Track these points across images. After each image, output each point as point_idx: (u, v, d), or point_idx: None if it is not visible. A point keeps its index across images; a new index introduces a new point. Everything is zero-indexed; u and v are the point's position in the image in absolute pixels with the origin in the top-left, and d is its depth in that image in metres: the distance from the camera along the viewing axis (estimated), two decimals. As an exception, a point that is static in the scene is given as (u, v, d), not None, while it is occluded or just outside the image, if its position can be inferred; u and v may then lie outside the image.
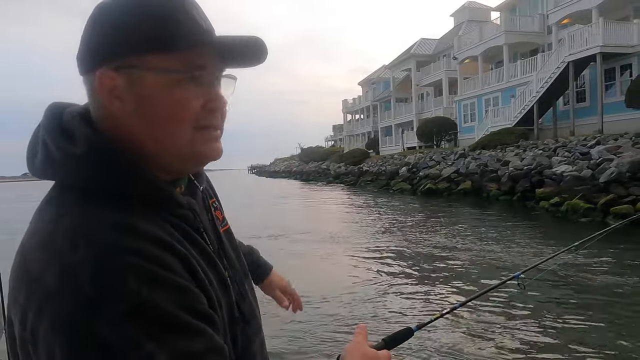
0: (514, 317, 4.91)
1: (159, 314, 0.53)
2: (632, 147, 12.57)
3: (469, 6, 38.82)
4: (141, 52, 0.59)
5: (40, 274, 0.54)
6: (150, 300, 0.52)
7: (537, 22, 26.39)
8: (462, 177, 18.77)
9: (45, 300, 0.52)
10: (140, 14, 0.60)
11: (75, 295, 0.51)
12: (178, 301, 0.54)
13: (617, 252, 7.43)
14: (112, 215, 0.57)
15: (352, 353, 0.82)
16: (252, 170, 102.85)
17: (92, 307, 0.51)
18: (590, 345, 4.17)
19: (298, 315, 5.10)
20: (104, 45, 0.60)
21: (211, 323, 0.59)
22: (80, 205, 0.58)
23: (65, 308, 0.51)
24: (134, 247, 0.54)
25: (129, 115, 0.61)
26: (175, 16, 0.60)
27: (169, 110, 0.61)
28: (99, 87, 0.61)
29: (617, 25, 19.21)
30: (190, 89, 0.61)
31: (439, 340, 4.36)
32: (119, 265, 0.53)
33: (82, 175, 0.60)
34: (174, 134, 0.62)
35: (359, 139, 53.87)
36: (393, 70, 42.84)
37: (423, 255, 8.30)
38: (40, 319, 0.52)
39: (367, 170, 31.08)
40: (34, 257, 0.55)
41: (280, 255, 8.52)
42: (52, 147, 0.62)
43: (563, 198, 11.46)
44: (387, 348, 0.94)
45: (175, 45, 0.59)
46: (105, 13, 0.62)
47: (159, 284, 0.54)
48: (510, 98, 25.19)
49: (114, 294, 0.51)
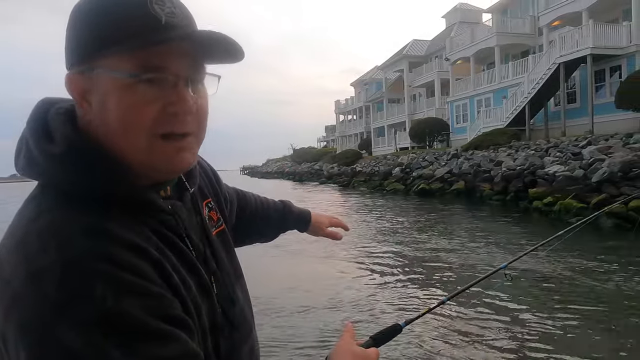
0: (500, 309, 5.02)
1: (127, 321, 0.51)
2: (622, 147, 12.73)
3: (460, 7, 39.10)
4: (99, 53, 0.57)
5: (9, 276, 0.53)
6: (117, 307, 0.51)
7: (528, 23, 26.66)
8: (455, 178, 18.88)
9: (13, 303, 0.51)
10: (98, 15, 0.58)
11: (41, 299, 0.50)
12: (148, 308, 0.53)
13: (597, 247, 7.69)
14: (86, 219, 0.55)
15: (340, 353, 0.81)
16: (245, 171, 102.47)
17: (57, 312, 0.50)
18: (573, 339, 4.32)
19: (285, 314, 5.22)
20: (71, 48, 0.60)
21: (185, 328, 0.57)
22: (56, 206, 0.57)
23: (30, 312, 0.50)
24: (105, 253, 0.53)
25: (95, 119, 0.60)
26: (126, 14, 0.57)
27: (122, 115, 0.58)
28: (69, 90, 0.61)
29: (607, 27, 19.47)
30: (145, 92, 0.57)
31: (428, 335, 4.41)
32: (86, 271, 0.51)
33: (60, 176, 0.58)
34: (130, 141, 0.59)
35: (352, 139, 53.95)
36: (385, 71, 42.99)
37: (413, 253, 8.39)
38: (8, 322, 0.51)
39: (360, 170, 31.13)
40: (6, 258, 0.55)
41: (270, 255, 8.52)
42: (33, 146, 0.60)
43: (556, 198, 11.58)
44: (376, 346, 0.93)
45: (126, 44, 0.56)
46: (74, 16, 0.61)
47: (129, 290, 0.52)
48: (502, 99, 25.41)
49: (80, 300, 0.50)
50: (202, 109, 0.63)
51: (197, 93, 0.62)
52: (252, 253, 8.68)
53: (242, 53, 0.62)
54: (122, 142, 0.59)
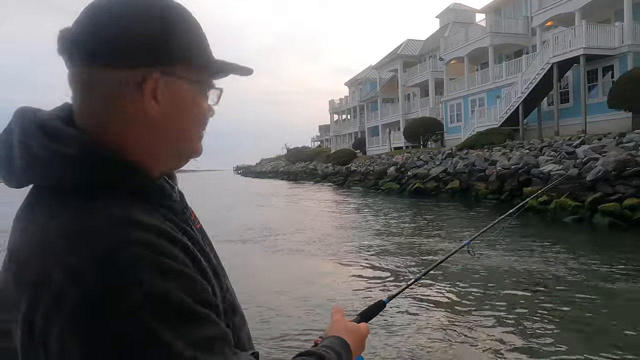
0: (469, 280, 6.14)
1: (170, 303, 0.53)
2: (616, 146, 12.88)
3: (454, 8, 39.30)
4: (176, 60, 0.62)
5: (42, 279, 0.53)
6: (161, 290, 0.53)
7: (521, 24, 26.86)
8: (450, 177, 18.97)
9: (55, 304, 0.51)
10: (188, 25, 0.64)
11: (85, 295, 0.51)
12: (186, 290, 0.55)
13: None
14: (114, 211, 0.57)
15: (335, 329, 0.88)
16: (238, 170, 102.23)
17: (102, 303, 0.51)
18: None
19: (275, 303, 5.52)
20: (147, 48, 0.60)
21: (215, 310, 0.60)
22: (78, 203, 0.57)
23: (75, 308, 0.51)
24: (141, 240, 0.54)
25: (160, 116, 0.62)
26: (197, 33, 0.66)
27: (195, 116, 0.67)
28: (98, 86, 0.60)
29: (600, 27, 19.68)
30: (203, 98, 0.68)
31: (409, 309, 5.18)
32: (127, 259, 0.53)
33: (77, 174, 0.59)
34: (194, 135, 0.68)
35: (346, 139, 54.01)
36: (379, 71, 43.08)
37: (411, 253, 8.46)
38: (51, 322, 0.51)
39: (355, 170, 31.18)
40: (33, 262, 0.54)
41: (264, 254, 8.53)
42: (39, 149, 0.59)
43: (551, 196, 11.68)
44: (364, 321, 1.00)
45: (199, 59, 0.65)
46: (131, 14, 0.60)
47: (168, 274, 0.54)
48: (495, 99, 25.58)
49: (124, 288, 0.51)
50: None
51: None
52: (253, 252, 8.74)
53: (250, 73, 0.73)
54: (187, 136, 0.67)
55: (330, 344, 0.81)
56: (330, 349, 0.79)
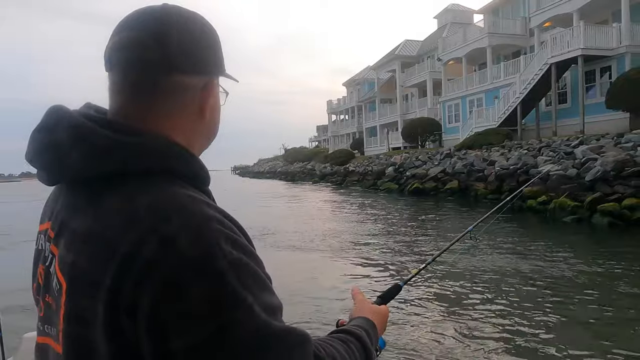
0: (469, 278, 6.45)
1: (248, 270, 0.59)
2: (614, 147, 12.93)
3: (452, 8, 39.38)
4: (218, 71, 0.74)
5: (133, 248, 0.57)
6: (239, 258, 0.59)
7: (519, 24, 26.94)
8: (448, 177, 19.02)
9: (147, 269, 0.55)
10: (216, 40, 0.74)
11: (178, 259, 0.56)
12: (255, 261, 0.62)
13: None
14: (186, 191, 0.63)
15: (361, 309, 0.93)
16: (236, 171, 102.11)
17: (193, 268, 0.56)
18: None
19: (296, 293, 5.79)
20: (211, 60, 0.72)
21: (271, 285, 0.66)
22: (152, 185, 0.62)
23: (169, 272, 0.55)
24: (215, 216, 0.61)
25: (208, 115, 0.74)
26: (218, 43, 0.75)
27: (218, 115, 0.77)
28: (204, 93, 0.72)
29: (598, 28, 19.76)
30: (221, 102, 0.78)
31: (423, 291, 5.82)
32: (211, 230, 0.58)
33: (141, 159, 0.63)
34: (217, 129, 0.78)
35: (344, 139, 54.02)
36: (377, 71, 43.11)
37: (411, 252, 8.48)
38: (142, 288, 0.55)
39: (353, 170, 31.22)
40: (121, 237, 0.58)
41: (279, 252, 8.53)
42: (99, 140, 0.63)
43: (550, 196, 11.72)
44: (384, 303, 1.05)
45: (223, 71, 0.75)
46: (197, 27, 0.70)
47: (239, 247, 0.60)
48: (493, 99, 25.64)
49: (212, 254, 0.57)
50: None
51: None
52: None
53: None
54: (215, 130, 0.77)
55: (360, 323, 0.87)
56: (362, 328, 0.84)
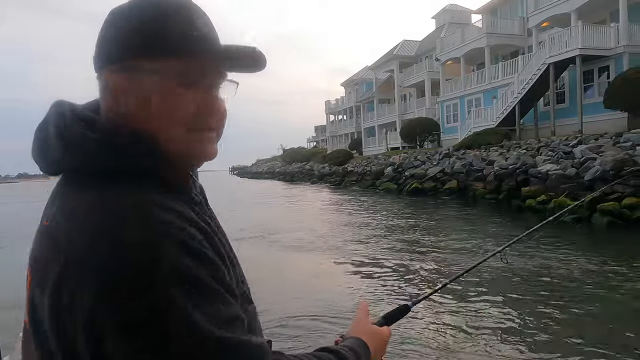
0: (499, 289, 5.55)
1: (194, 278, 0.56)
2: (613, 146, 12.95)
3: (450, 8, 39.41)
4: (144, 55, 0.63)
5: (85, 249, 0.56)
6: (186, 265, 0.56)
7: (517, 24, 26.98)
8: (447, 177, 19.03)
9: (86, 271, 0.55)
10: (144, 20, 0.64)
11: (115, 263, 0.54)
12: (208, 269, 0.58)
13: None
14: (141, 193, 0.60)
15: (357, 330, 0.89)
16: (234, 171, 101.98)
17: (132, 273, 0.54)
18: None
19: (298, 299, 5.52)
20: (113, 46, 0.65)
21: (233, 295, 0.62)
22: (108, 184, 0.61)
23: (106, 276, 0.54)
24: (166, 219, 0.58)
25: (133, 114, 0.65)
26: (175, 23, 0.64)
27: (166, 113, 0.64)
28: (106, 85, 0.66)
29: (595, 28, 19.81)
30: (185, 94, 0.64)
31: (433, 315, 4.90)
32: (156, 235, 0.56)
33: (106, 157, 0.62)
34: (171, 134, 0.65)
35: (342, 139, 54.01)
36: (376, 72, 43.13)
37: (412, 254, 8.44)
38: (81, 291, 0.54)
39: (352, 170, 31.20)
40: (73, 236, 0.58)
41: (279, 253, 8.51)
42: (76, 137, 0.63)
43: (549, 196, 11.74)
44: (387, 324, 1.00)
45: (173, 52, 0.63)
46: (114, 18, 0.66)
47: (191, 252, 0.57)
48: (492, 99, 25.68)
49: (153, 260, 0.55)
50: (225, 111, 0.71)
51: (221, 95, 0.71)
52: (256, 251, 8.68)
53: (265, 64, 0.71)
54: (164, 135, 0.65)
55: (350, 344, 0.82)
56: (350, 349, 0.80)
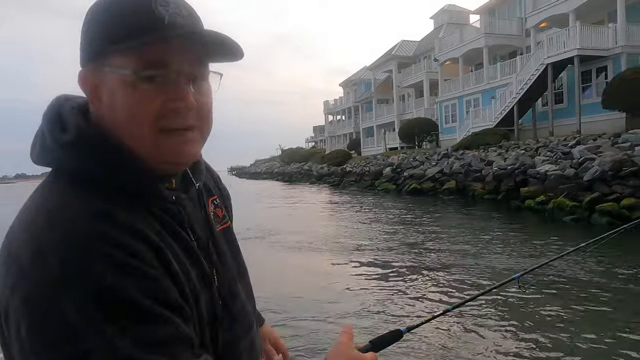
0: (511, 321, 4.66)
1: (123, 299, 0.54)
2: (611, 147, 12.97)
3: (448, 9, 39.45)
4: (107, 51, 0.60)
5: (17, 251, 0.56)
6: (115, 285, 0.54)
7: (515, 25, 27.02)
8: (446, 177, 19.05)
9: (19, 277, 0.54)
10: (106, 15, 0.61)
11: (45, 275, 0.53)
12: (144, 289, 0.55)
13: (621, 256, 6.92)
14: (92, 202, 0.59)
15: (336, 355, 0.79)
16: (232, 171, 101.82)
17: (59, 287, 0.52)
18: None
19: (286, 312, 5.10)
20: (84, 46, 0.64)
21: (179, 313, 0.59)
22: (65, 190, 0.60)
23: (34, 286, 0.53)
24: (106, 234, 0.56)
25: (105, 115, 0.63)
26: (130, 14, 0.60)
27: (127, 111, 0.61)
28: (81, 85, 0.65)
29: (593, 29, 19.86)
30: (147, 89, 0.60)
31: (429, 343, 4.17)
32: (87, 250, 0.54)
33: (71, 162, 0.62)
34: (136, 135, 0.61)
35: (341, 139, 54.01)
36: (374, 72, 43.15)
37: (415, 255, 8.28)
38: (13, 295, 0.54)
39: (351, 170, 31.19)
40: (17, 235, 0.58)
41: (274, 256, 8.50)
42: (47, 136, 0.64)
43: (548, 196, 11.76)
44: (374, 350, 0.92)
45: (128, 42, 0.58)
46: (88, 15, 0.64)
47: (126, 271, 0.55)
48: (490, 99, 25.71)
49: (80, 277, 0.53)
50: (204, 105, 0.66)
51: (199, 90, 0.65)
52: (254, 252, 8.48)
53: (241, 53, 0.65)
54: (129, 136, 0.62)
55: None
56: None
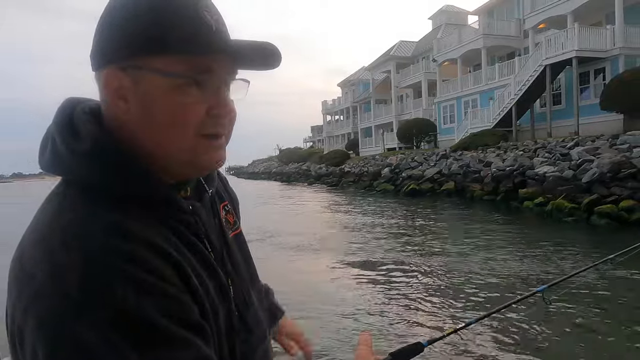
0: (535, 334, 4.47)
1: (144, 321, 0.52)
2: (609, 148, 13.01)
3: (447, 9, 39.51)
4: (145, 53, 0.58)
5: (31, 271, 0.53)
6: (135, 307, 0.51)
7: (514, 26, 27.08)
8: (445, 178, 19.07)
9: (33, 298, 0.52)
10: (145, 15, 0.58)
11: (62, 296, 0.51)
12: (165, 309, 0.53)
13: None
14: (108, 216, 0.56)
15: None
16: (231, 171, 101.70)
17: (77, 309, 0.50)
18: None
19: (299, 299, 4.99)
20: (111, 44, 0.60)
21: (200, 333, 0.57)
22: (79, 203, 0.58)
23: (50, 308, 0.51)
24: (125, 251, 0.53)
25: (133, 117, 0.60)
26: (181, 17, 0.58)
27: (170, 115, 0.59)
28: (104, 86, 0.61)
29: (592, 30, 19.92)
30: (194, 94, 0.59)
31: (451, 357, 3.98)
32: (107, 269, 0.52)
33: (84, 172, 0.59)
34: (175, 139, 0.60)
35: (339, 140, 54.02)
36: (372, 72, 43.18)
37: (415, 259, 8.03)
38: (26, 317, 0.52)
39: (349, 171, 31.19)
40: (30, 253, 0.55)
41: (278, 261, 8.48)
42: (59, 143, 0.61)
43: (547, 198, 11.78)
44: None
45: (179, 48, 0.57)
46: (113, 13, 0.60)
47: (147, 290, 0.52)
48: (488, 100, 25.75)
49: (99, 298, 0.51)
50: (235, 113, 0.66)
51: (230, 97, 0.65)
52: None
53: (280, 61, 0.64)
54: (167, 141, 0.60)
55: None
56: None
